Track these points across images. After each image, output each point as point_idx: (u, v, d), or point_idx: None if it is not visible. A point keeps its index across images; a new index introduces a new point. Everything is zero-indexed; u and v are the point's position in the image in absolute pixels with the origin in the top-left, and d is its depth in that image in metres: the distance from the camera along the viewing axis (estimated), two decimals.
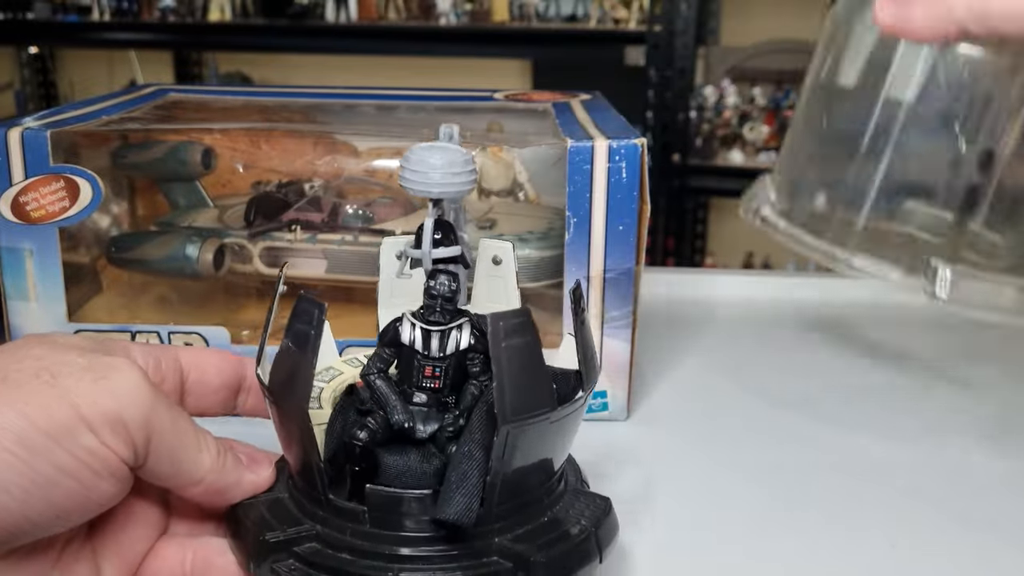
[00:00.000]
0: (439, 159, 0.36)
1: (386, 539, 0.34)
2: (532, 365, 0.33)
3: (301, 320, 0.34)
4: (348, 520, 0.35)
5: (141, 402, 0.33)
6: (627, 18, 2.34)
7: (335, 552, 0.34)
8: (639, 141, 0.51)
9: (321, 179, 0.63)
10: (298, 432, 0.35)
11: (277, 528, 0.35)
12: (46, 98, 3.05)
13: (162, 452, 0.34)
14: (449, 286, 0.36)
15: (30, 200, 0.53)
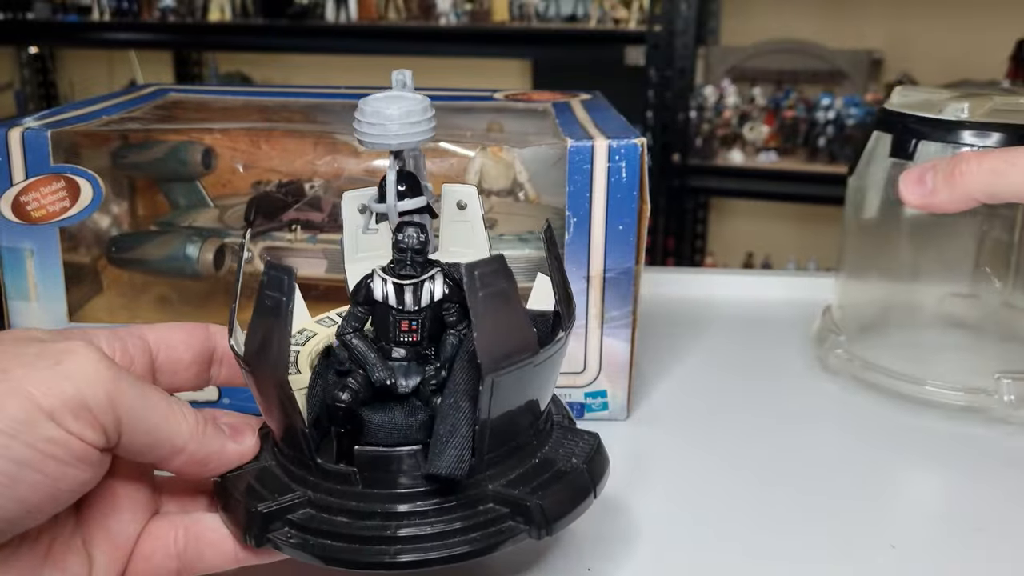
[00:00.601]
0: (396, 109, 0.35)
1: (380, 498, 0.34)
2: (511, 311, 0.33)
3: (272, 288, 0.33)
4: (339, 483, 0.34)
5: (101, 380, 0.32)
6: (627, 18, 2.34)
7: (330, 516, 0.34)
8: (639, 141, 0.51)
9: (321, 179, 0.63)
10: (279, 400, 0.34)
11: (268, 498, 0.35)
12: (46, 98, 3.05)
13: (136, 426, 0.33)
14: (418, 238, 0.36)
15: (31, 200, 0.53)
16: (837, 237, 0.63)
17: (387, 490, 0.34)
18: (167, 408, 0.34)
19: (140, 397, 0.33)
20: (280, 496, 0.35)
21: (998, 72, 2.18)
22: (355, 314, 0.37)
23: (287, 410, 0.34)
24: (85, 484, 0.32)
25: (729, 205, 2.61)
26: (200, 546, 0.37)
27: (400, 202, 0.36)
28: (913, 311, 0.65)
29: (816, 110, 2.23)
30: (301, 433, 0.34)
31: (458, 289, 0.35)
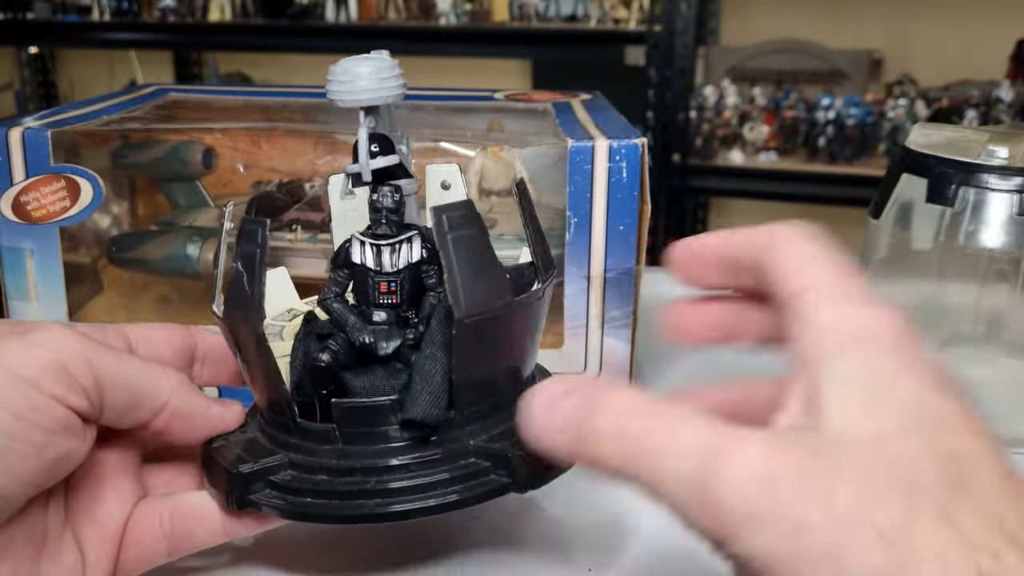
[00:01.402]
0: (366, 67, 0.36)
1: (360, 454, 0.34)
2: (482, 256, 0.33)
3: (247, 241, 0.34)
4: (320, 442, 0.34)
5: (75, 345, 0.32)
6: (627, 18, 2.34)
7: (311, 475, 0.34)
8: (639, 141, 0.51)
9: (322, 179, 0.63)
10: (257, 355, 0.34)
11: (251, 462, 0.35)
12: (46, 98, 3.05)
13: (116, 386, 0.33)
14: (392, 197, 0.36)
15: (31, 200, 0.54)
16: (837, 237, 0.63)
17: (367, 445, 0.34)
18: (145, 366, 0.35)
19: (115, 358, 0.33)
20: (262, 459, 0.35)
21: (998, 72, 2.18)
22: (335, 279, 0.37)
23: (266, 367, 0.34)
24: (72, 455, 0.33)
25: (729, 205, 2.61)
26: (187, 523, 0.37)
27: (372, 160, 0.36)
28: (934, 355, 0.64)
29: (816, 110, 2.23)
30: (281, 392, 0.34)
31: (435, 252, 0.35)
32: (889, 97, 2.23)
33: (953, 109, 2.15)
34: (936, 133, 0.57)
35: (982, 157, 0.53)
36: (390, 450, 0.34)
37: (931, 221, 0.54)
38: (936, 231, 0.54)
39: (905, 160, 0.56)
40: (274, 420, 0.36)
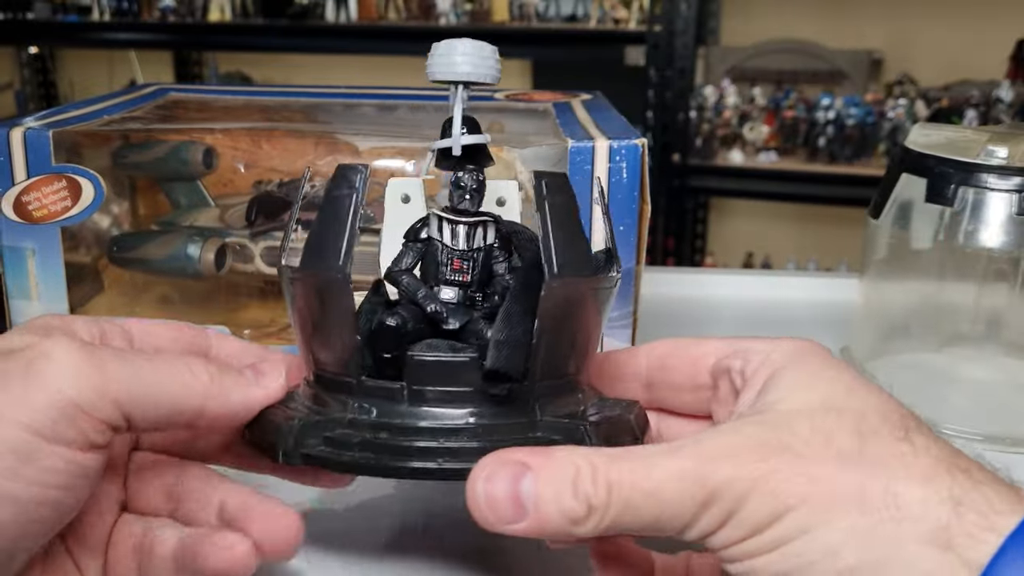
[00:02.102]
0: (467, 44, 0.36)
1: (427, 415, 0.33)
2: (574, 224, 0.34)
3: (340, 187, 0.32)
4: (384, 399, 0.33)
5: (87, 372, 0.29)
6: (627, 18, 2.34)
7: (373, 433, 0.32)
8: (640, 141, 0.51)
9: (322, 179, 0.63)
10: (335, 301, 0.32)
11: (303, 416, 0.33)
12: (46, 98, 3.05)
13: (142, 404, 0.30)
14: (476, 177, 0.36)
15: (32, 200, 0.54)
16: (837, 237, 0.63)
17: (435, 406, 0.33)
18: (171, 373, 0.31)
19: (134, 374, 0.30)
20: (315, 415, 0.33)
21: (998, 72, 2.18)
22: (407, 251, 0.37)
23: (340, 314, 0.33)
24: (97, 478, 0.31)
25: (729, 205, 2.61)
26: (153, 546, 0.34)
27: (464, 136, 0.36)
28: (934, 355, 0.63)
29: (816, 110, 2.23)
30: (351, 344, 0.33)
31: (509, 241, 0.36)
32: (889, 97, 2.23)
33: (953, 109, 2.15)
34: (936, 133, 0.57)
35: (981, 157, 0.53)
36: (459, 413, 0.33)
37: (930, 221, 0.55)
38: (935, 231, 0.54)
39: (905, 160, 0.56)
40: (331, 378, 0.34)
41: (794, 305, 0.77)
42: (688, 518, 0.28)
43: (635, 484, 0.28)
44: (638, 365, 0.38)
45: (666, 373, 0.37)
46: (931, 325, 0.62)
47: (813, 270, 2.36)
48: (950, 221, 0.54)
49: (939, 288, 0.59)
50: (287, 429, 0.33)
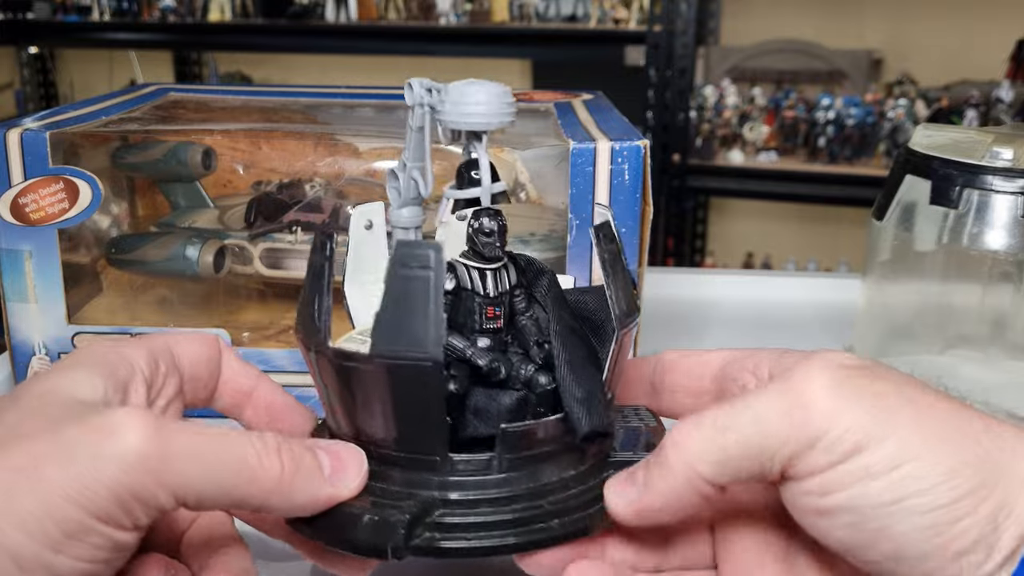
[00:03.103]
0: (487, 91, 0.35)
1: (520, 479, 0.32)
2: (625, 271, 0.35)
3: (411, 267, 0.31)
4: (475, 473, 0.32)
5: (149, 459, 0.28)
6: (627, 18, 2.34)
7: (472, 509, 0.32)
8: (642, 143, 0.51)
9: (322, 180, 0.63)
10: (427, 389, 0.31)
11: (390, 507, 0.31)
12: (46, 98, 3.05)
13: (201, 492, 0.29)
14: (501, 221, 0.35)
15: (29, 202, 0.53)
16: (837, 237, 0.63)
17: (527, 468, 0.32)
18: (238, 461, 0.29)
19: (198, 462, 0.29)
20: (405, 501, 0.32)
21: (998, 72, 2.17)
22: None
23: (433, 401, 0.31)
24: (129, 557, 0.30)
25: (729, 205, 2.61)
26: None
27: (495, 184, 0.36)
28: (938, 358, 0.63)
29: (816, 110, 2.23)
30: (437, 424, 0.32)
31: (524, 276, 0.36)
32: (889, 97, 2.22)
33: (953, 109, 2.15)
34: (939, 134, 0.57)
35: (986, 159, 0.52)
36: (550, 469, 0.33)
37: (934, 222, 0.54)
38: (939, 232, 0.54)
39: (909, 161, 0.56)
40: (405, 457, 0.33)
41: (795, 306, 0.76)
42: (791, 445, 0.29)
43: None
44: (643, 370, 0.38)
45: (668, 377, 0.37)
46: (935, 327, 0.61)
47: (813, 270, 2.36)
48: (954, 223, 0.53)
49: (943, 290, 0.59)
50: (395, 523, 0.31)
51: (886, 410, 0.28)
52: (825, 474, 0.28)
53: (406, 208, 0.38)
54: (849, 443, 0.28)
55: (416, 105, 0.36)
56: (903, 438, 0.28)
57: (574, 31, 2.40)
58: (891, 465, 0.28)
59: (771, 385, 0.30)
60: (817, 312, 0.74)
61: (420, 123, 0.36)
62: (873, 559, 0.29)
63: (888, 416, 0.28)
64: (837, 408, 0.28)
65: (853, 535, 0.28)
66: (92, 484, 0.27)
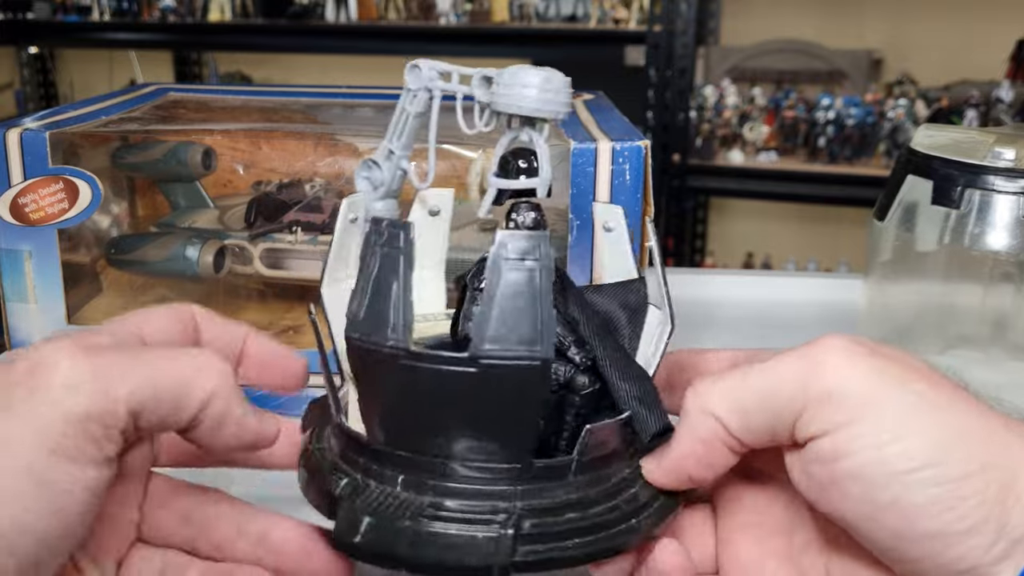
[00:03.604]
0: (536, 78, 0.33)
1: (593, 481, 0.31)
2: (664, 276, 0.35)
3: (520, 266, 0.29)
4: (553, 477, 0.31)
5: (93, 377, 0.28)
6: (627, 18, 2.34)
7: (558, 516, 0.30)
8: (643, 143, 0.51)
9: (322, 180, 0.63)
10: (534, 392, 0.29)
11: (482, 523, 0.29)
12: (46, 98, 3.05)
13: (156, 405, 0.29)
14: (542, 215, 0.34)
15: (29, 202, 0.53)
16: (837, 237, 0.63)
17: (594, 471, 0.31)
18: (179, 366, 0.30)
19: (147, 371, 0.29)
20: (494, 514, 0.30)
21: (998, 72, 2.17)
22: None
23: (528, 402, 0.30)
24: (99, 507, 0.29)
25: (729, 205, 2.61)
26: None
27: (543, 172, 0.34)
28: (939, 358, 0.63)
29: (816, 110, 2.23)
30: (535, 427, 0.30)
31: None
32: (889, 97, 2.22)
33: (953, 109, 2.15)
34: (941, 134, 0.56)
35: (988, 159, 0.52)
36: (614, 468, 0.32)
37: (936, 223, 0.54)
38: (941, 233, 0.54)
39: (910, 162, 0.56)
40: (482, 467, 0.30)
41: (796, 306, 0.76)
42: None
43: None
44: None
45: (684, 375, 0.37)
46: (936, 327, 0.61)
47: (813, 270, 2.36)
48: (956, 223, 0.53)
49: (944, 291, 0.59)
50: (499, 539, 0.29)
51: (900, 380, 0.28)
52: (836, 434, 0.28)
53: (382, 202, 0.35)
54: (860, 403, 0.28)
55: (421, 89, 0.34)
56: (915, 406, 0.28)
57: (574, 31, 2.40)
58: (902, 433, 0.27)
59: (788, 352, 0.30)
60: (817, 312, 0.74)
61: (421, 108, 0.34)
62: (881, 537, 0.29)
63: (901, 385, 0.28)
64: (851, 369, 0.29)
65: (861, 507, 0.28)
66: (43, 418, 0.27)
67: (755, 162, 2.28)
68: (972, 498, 0.27)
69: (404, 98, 0.34)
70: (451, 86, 0.34)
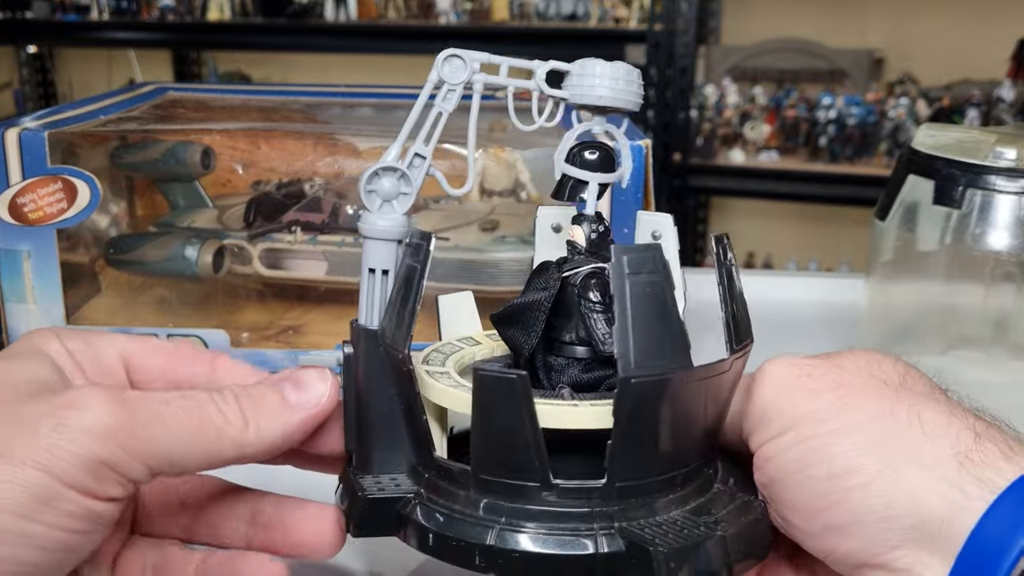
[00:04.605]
0: (610, 69, 0.33)
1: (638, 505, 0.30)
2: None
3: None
4: (585, 497, 0.30)
5: (116, 429, 0.28)
6: (628, 17, 2.34)
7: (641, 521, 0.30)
8: (643, 142, 0.51)
9: (321, 179, 0.63)
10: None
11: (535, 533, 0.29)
12: (45, 97, 3.05)
13: (170, 458, 0.29)
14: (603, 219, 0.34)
15: (28, 201, 0.53)
16: (838, 237, 0.62)
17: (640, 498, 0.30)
18: (201, 420, 0.30)
19: (171, 431, 0.29)
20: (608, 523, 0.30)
21: (999, 71, 2.17)
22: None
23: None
24: (109, 531, 0.30)
25: (730, 204, 2.61)
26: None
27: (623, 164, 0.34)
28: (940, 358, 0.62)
29: (817, 109, 2.23)
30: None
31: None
32: (890, 96, 2.22)
33: (954, 108, 2.14)
34: (943, 134, 0.56)
35: (990, 159, 0.52)
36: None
37: (937, 223, 0.54)
38: (942, 233, 0.54)
39: (912, 161, 0.55)
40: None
41: (797, 306, 0.76)
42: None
43: None
44: None
45: None
46: (937, 328, 0.61)
47: (814, 270, 2.35)
48: (957, 223, 0.53)
49: (946, 290, 0.58)
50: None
51: (814, 396, 0.31)
52: (763, 447, 0.31)
53: (391, 219, 0.32)
54: (779, 422, 0.31)
55: (460, 84, 0.32)
56: (820, 420, 0.30)
57: (574, 30, 2.39)
58: (801, 439, 0.30)
59: (746, 378, 0.34)
60: (819, 312, 0.74)
61: (451, 106, 0.32)
62: (795, 536, 0.31)
63: (810, 400, 0.31)
64: (776, 395, 0.32)
65: (783, 509, 0.31)
66: (60, 452, 0.27)
67: (756, 161, 2.27)
68: (856, 492, 0.28)
69: (439, 94, 0.32)
70: (499, 80, 0.32)
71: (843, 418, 0.30)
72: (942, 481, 0.27)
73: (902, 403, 0.30)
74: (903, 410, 0.29)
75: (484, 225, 0.60)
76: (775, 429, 0.31)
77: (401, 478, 0.33)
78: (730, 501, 0.32)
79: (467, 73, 0.32)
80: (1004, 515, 0.26)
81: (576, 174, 0.33)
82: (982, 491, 0.27)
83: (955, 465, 0.28)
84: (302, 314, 0.62)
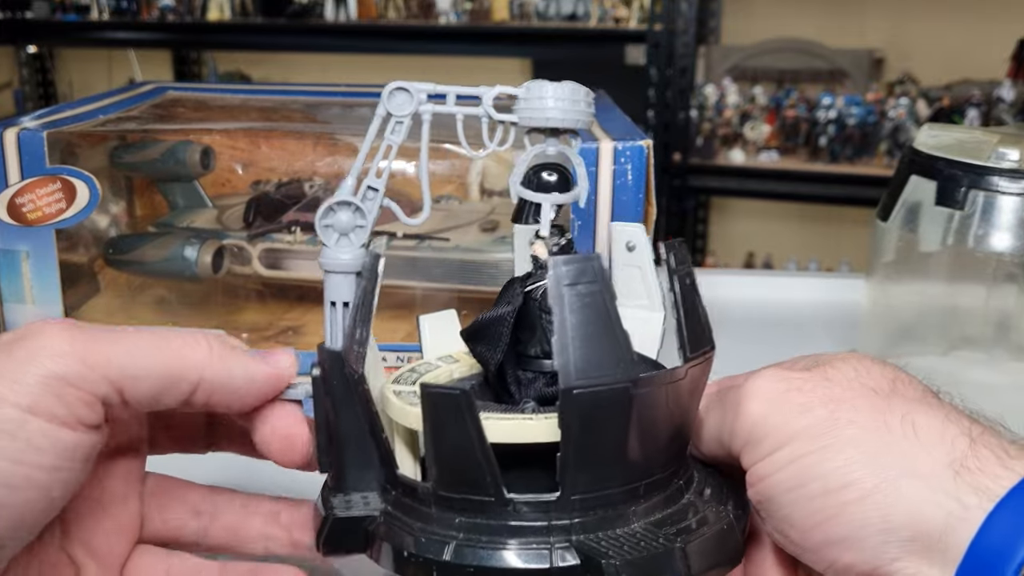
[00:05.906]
0: (554, 89, 0.32)
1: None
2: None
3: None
4: (544, 510, 0.30)
5: (75, 347, 0.28)
6: (628, 17, 2.34)
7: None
8: (644, 142, 0.51)
9: (321, 179, 0.63)
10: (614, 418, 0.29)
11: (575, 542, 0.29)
12: (45, 97, 3.04)
13: (135, 376, 0.29)
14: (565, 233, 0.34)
15: (26, 202, 0.53)
16: (838, 237, 0.62)
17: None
18: (166, 343, 0.30)
19: (126, 346, 0.29)
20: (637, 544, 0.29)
21: (999, 71, 2.17)
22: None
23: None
24: (83, 474, 0.29)
25: (730, 204, 2.60)
26: None
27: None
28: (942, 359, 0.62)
29: (817, 109, 2.22)
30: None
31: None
32: (890, 96, 2.22)
33: (954, 108, 2.14)
34: (944, 134, 0.56)
35: (992, 160, 0.52)
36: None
37: (939, 223, 0.54)
38: (944, 233, 0.54)
39: (914, 162, 0.55)
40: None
41: (797, 306, 0.76)
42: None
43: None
44: None
45: None
46: (939, 328, 0.61)
47: (814, 270, 2.35)
48: (959, 224, 0.53)
49: (947, 291, 0.58)
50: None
51: (805, 411, 0.30)
52: (756, 466, 0.31)
53: (350, 253, 0.33)
54: (771, 440, 0.31)
55: (407, 116, 0.33)
56: (813, 436, 0.30)
57: (574, 30, 2.39)
58: (795, 457, 0.30)
59: (733, 391, 0.33)
60: (819, 312, 0.74)
61: (401, 138, 0.33)
62: (793, 551, 0.31)
63: (802, 416, 0.30)
64: (766, 412, 0.31)
65: (780, 525, 0.31)
66: (21, 376, 0.27)
67: (756, 161, 2.27)
68: (852, 506, 0.28)
69: (387, 127, 0.33)
70: (448, 109, 0.33)
71: (836, 433, 0.29)
72: (939, 492, 0.27)
73: (895, 412, 0.29)
74: (896, 420, 0.29)
75: (484, 225, 0.60)
76: (767, 447, 0.30)
77: (372, 496, 0.33)
78: (699, 511, 0.31)
79: (413, 105, 0.33)
80: (1003, 524, 0.26)
81: (531, 197, 0.33)
82: (980, 500, 0.27)
83: (951, 475, 0.27)
84: (302, 314, 0.62)
